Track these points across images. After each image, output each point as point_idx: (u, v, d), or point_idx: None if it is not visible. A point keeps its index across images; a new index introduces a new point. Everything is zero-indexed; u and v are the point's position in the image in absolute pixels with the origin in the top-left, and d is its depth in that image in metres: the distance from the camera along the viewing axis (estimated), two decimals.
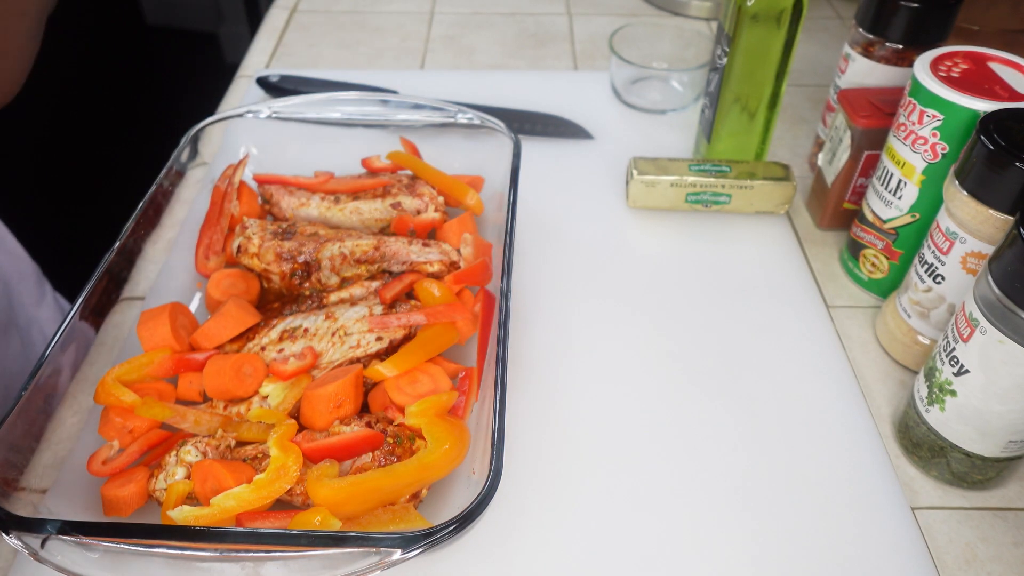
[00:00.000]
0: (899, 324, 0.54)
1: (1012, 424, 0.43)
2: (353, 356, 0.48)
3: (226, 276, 0.54)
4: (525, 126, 0.74)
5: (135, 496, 0.43)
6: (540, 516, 0.46)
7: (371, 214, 0.58)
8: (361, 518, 0.40)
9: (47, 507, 0.41)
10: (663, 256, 0.63)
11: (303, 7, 0.98)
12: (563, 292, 0.59)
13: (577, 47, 0.91)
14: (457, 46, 0.91)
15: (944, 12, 0.58)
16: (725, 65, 0.61)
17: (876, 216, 0.57)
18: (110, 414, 0.45)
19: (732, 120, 0.64)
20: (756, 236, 0.64)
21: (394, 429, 0.44)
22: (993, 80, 0.49)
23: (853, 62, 0.63)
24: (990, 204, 0.44)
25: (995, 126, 0.44)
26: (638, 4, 1.00)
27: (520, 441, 0.49)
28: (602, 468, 0.48)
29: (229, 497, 0.40)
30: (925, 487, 0.48)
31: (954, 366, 0.43)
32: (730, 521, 0.46)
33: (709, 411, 0.51)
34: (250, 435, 0.45)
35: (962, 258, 0.48)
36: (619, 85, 0.79)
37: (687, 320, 0.57)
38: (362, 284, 0.53)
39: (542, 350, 0.55)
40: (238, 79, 0.85)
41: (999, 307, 0.40)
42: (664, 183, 0.64)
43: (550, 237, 0.64)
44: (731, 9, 0.59)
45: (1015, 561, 0.45)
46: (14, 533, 0.36)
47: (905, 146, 0.52)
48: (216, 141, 0.62)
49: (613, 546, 0.45)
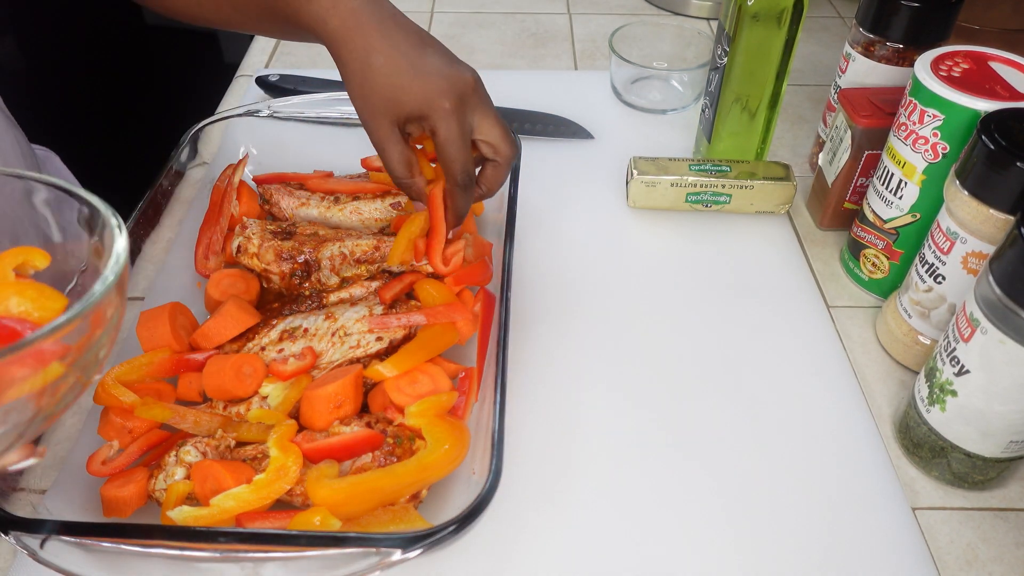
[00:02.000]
0: (900, 324, 0.54)
1: (1013, 424, 0.43)
2: (353, 356, 0.48)
3: (226, 276, 0.54)
4: (525, 126, 0.74)
5: (135, 496, 0.42)
6: (540, 516, 0.46)
7: (371, 214, 0.58)
8: (361, 518, 0.40)
9: (46, 507, 0.41)
10: (663, 256, 0.62)
11: None
12: (563, 292, 0.59)
13: (577, 46, 0.91)
14: (457, 45, 0.90)
15: (945, 12, 0.58)
16: (725, 65, 0.61)
17: (877, 216, 0.56)
18: (110, 414, 0.45)
19: (732, 120, 0.64)
20: (756, 236, 0.64)
21: (394, 429, 0.44)
22: (994, 80, 0.49)
23: (854, 62, 0.63)
24: (991, 204, 0.44)
25: (996, 126, 0.43)
26: (638, 3, 1.00)
27: (520, 441, 0.49)
28: (602, 468, 0.48)
29: (229, 497, 0.40)
30: (926, 487, 0.48)
31: (955, 366, 0.43)
32: (730, 520, 0.46)
33: (709, 411, 0.51)
34: (250, 435, 0.45)
35: (963, 258, 0.47)
36: (619, 85, 0.79)
37: (687, 320, 0.57)
38: (362, 284, 0.53)
39: (542, 350, 0.55)
40: (238, 79, 0.85)
41: (1000, 307, 0.39)
42: (664, 183, 0.64)
43: (550, 237, 0.64)
44: (731, 9, 0.59)
45: (1016, 562, 0.45)
46: (13, 533, 0.36)
47: (906, 146, 0.52)
48: (216, 141, 0.62)
49: (613, 546, 0.44)
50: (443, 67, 0.47)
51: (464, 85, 0.47)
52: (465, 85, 0.47)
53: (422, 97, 0.46)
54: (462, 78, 0.47)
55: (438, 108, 0.46)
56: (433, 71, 0.47)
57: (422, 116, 0.47)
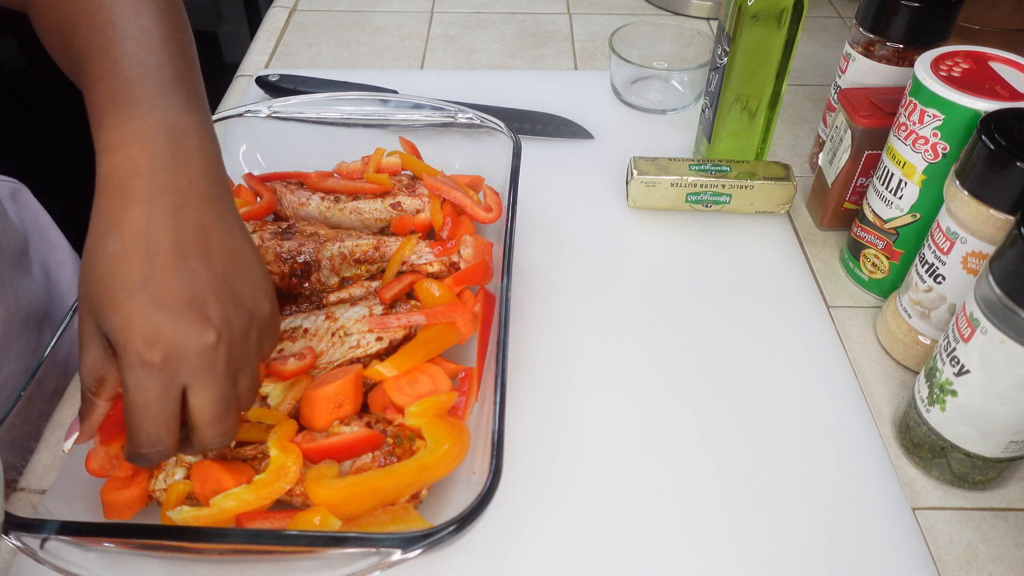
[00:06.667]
0: (900, 324, 0.54)
1: (1013, 424, 0.43)
2: (353, 356, 0.48)
3: None
4: (525, 126, 0.74)
5: (135, 498, 0.42)
6: (540, 516, 0.46)
7: (371, 214, 0.58)
8: (361, 518, 0.40)
9: (46, 507, 0.41)
10: (663, 256, 0.62)
11: (303, 7, 0.98)
12: (563, 292, 0.59)
13: (577, 46, 0.91)
14: (457, 46, 0.90)
15: (945, 11, 0.58)
16: (725, 65, 0.61)
17: (877, 216, 0.56)
18: (110, 414, 0.45)
19: (732, 120, 0.64)
20: (756, 236, 0.64)
21: (394, 429, 0.44)
22: (994, 80, 0.49)
23: (854, 62, 0.63)
24: (991, 204, 0.44)
25: (996, 126, 0.43)
26: (638, 3, 1.00)
27: (520, 441, 0.49)
28: (602, 468, 0.48)
29: (229, 497, 0.40)
30: (926, 487, 0.48)
31: (955, 366, 0.43)
32: (730, 520, 0.46)
33: (709, 411, 0.51)
34: (250, 435, 0.45)
35: (963, 258, 0.47)
36: (619, 85, 0.79)
37: (687, 320, 0.57)
38: (362, 284, 0.53)
39: (542, 350, 0.55)
40: (238, 79, 0.85)
41: (1000, 307, 0.39)
42: (664, 183, 0.64)
43: (550, 237, 0.64)
44: (731, 8, 0.58)
45: (1016, 562, 0.45)
46: (14, 534, 0.36)
47: (906, 146, 0.52)
48: None
49: (613, 546, 0.44)
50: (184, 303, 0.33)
51: (196, 343, 0.33)
52: (197, 343, 0.33)
53: (124, 326, 0.33)
54: (199, 333, 0.33)
55: (134, 354, 0.32)
56: (162, 302, 0.33)
57: (116, 349, 0.33)
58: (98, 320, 0.34)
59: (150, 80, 0.36)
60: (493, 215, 0.57)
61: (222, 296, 0.34)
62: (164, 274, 0.33)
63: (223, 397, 0.35)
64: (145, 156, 0.34)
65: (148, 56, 0.37)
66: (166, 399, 0.33)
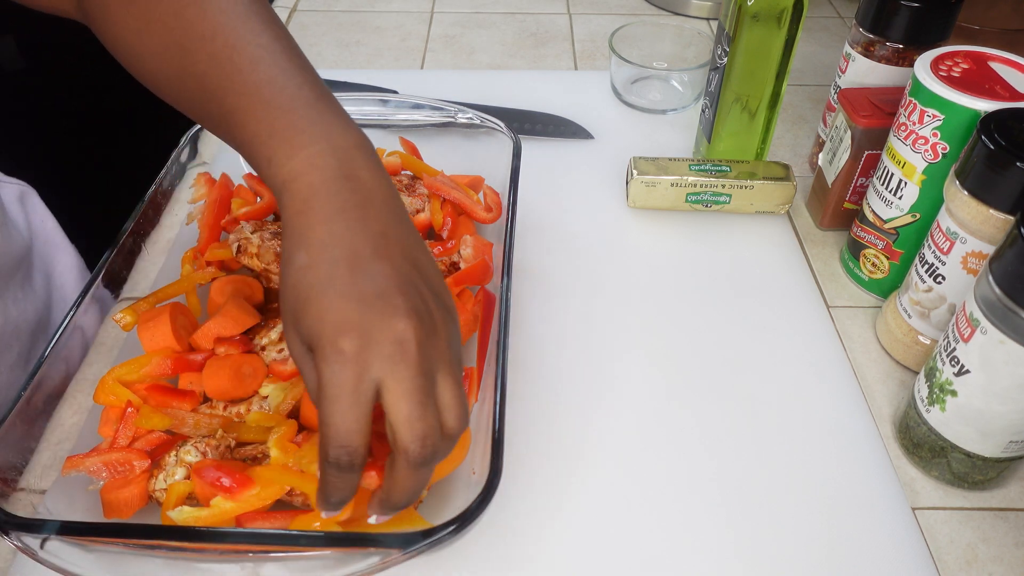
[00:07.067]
0: (900, 324, 0.54)
1: (1013, 424, 0.43)
2: None
3: (229, 282, 0.54)
4: (525, 126, 0.74)
5: (135, 498, 0.42)
6: (540, 516, 0.46)
7: None
8: (361, 518, 0.40)
9: (46, 507, 0.41)
10: (663, 256, 0.62)
11: (303, 6, 0.98)
12: (563, 292, 0.59)
13: (577, 47, 0.91)
14: (457, 46, 0.91)
15: (945, 12, 0.58)
16: (725, 65, 0.61)
17: (877, 216, 0.56)
18: (110, 414, 0.45)
19: (732, 120, 0.64)
20: (756, 236, 0.64)
21: None
22: (994, 80, 0.49)
23: (853, 62, 0.63)
24: (991, 204, 0.44)
25: (996, 126, 0.43)
26: (638, 3, 1.00)
27: (520, 441, 0.49)
28: (602, 467, 0.48)
29: None
30: (926, 487, 0.48)
31: (955, 366, 0.43)
32: (730, 520, 0.46)
33: (709, 411, 0.51)
34: (250, 435, 0.45)
35: (963, 258, 0.47)
36: (619, 85, 0.79)
37: (687, 320, 0.57)
38: None
39: (542, 350, 0.55)
40: None
41: (1000, 307, 0.39)
42: (664, 183, 0.64)
43: (550, 237, 0.64)
44: (731, 8, 0.59)
45: (1016, 562, 0.45)
46: (13, 534, 0.36)
47: (906, 146, 0.52)
48: (216, 141, 0.62)
49: (613, 546, 0.44)
50: (372, 296, 0.33)
51: (386, 330, 0.33)
52: (388, 330, 0.33)
53: (317, 321, 0.33)
54: (389, 320, 0.33)
55: (327, 343, 0.33)
56: (351, 294, 0.33)
57: (311, 347, 0.34)
58: (298, 330, 0.34)
59: (300, 104, 0.37)
60: (493, 215, 0.57)
61: (408, 292, 0.34)
62: (350, 273, 0.34)
63: (418, 390, 0.33)
64: (320, 180, 0.35)
65: (286, 78, 0.37)
66: (358, 393, 0.33)
